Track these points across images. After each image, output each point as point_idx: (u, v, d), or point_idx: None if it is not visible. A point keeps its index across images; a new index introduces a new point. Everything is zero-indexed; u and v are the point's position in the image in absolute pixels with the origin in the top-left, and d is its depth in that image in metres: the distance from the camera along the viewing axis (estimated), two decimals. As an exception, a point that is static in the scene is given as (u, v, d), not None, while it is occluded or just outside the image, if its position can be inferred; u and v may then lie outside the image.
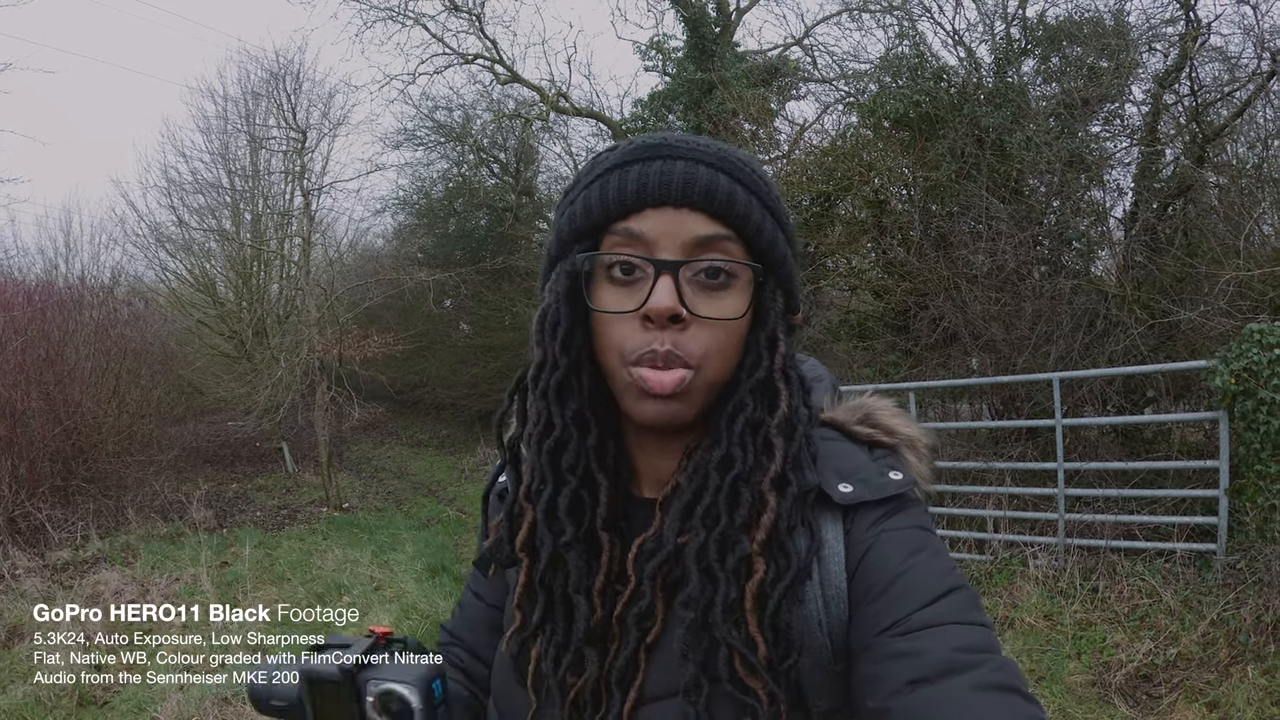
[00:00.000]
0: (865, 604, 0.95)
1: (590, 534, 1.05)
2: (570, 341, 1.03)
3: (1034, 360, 8.62)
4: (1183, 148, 9.37)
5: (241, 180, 18.75)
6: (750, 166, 1.03)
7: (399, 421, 24.23)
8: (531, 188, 21.14)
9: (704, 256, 0.98)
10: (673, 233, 0.97)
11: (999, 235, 9.34)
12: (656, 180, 0.98)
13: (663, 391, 0.97)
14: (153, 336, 14.46)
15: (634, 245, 0.99)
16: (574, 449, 1.04)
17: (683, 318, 0.96)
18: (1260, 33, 8.46)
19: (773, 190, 1.05)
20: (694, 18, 14.76)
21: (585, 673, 1.02)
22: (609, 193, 1.00)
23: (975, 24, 11.20)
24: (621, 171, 1.00)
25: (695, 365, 0.97)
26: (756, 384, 1.02)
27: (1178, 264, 8.52)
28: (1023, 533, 7.68)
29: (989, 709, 0.81)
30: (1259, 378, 6.10)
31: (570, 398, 1.04)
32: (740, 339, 1.02)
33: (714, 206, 0.98)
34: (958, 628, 0.88)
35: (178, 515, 11.82)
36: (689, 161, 0.99)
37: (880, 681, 0.88)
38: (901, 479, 1.03)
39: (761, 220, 1.01)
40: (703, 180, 0.98)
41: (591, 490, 1.05)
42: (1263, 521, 6.09)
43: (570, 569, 1.03)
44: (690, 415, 1.01)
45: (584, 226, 1.02)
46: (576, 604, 1.03)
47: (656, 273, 0.96)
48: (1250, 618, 5.55)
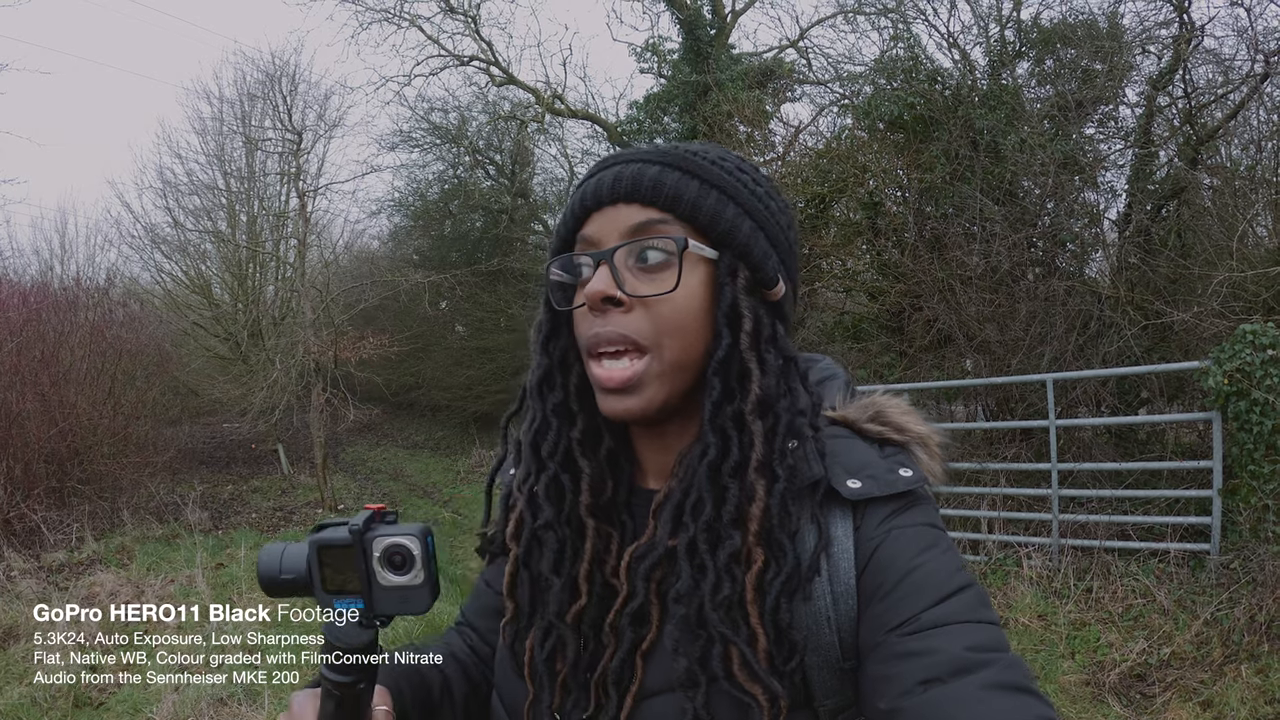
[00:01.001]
0: (875, 601, 0.96)
1: (574, 519, 1.09)
2: (550, 343, 1.13)
3: (1028, 361, 8.64)
4: (1176, 150, 9.39)
5: (237, 182, 18.73)
6: (698, 153, 1.07)
7: (394, 423, 24.22)
8: (527, 189, 21.17)
9: (633, 240, 1.03)
10: (611, 227, 1.04)
11: (993, 237, 9.36)
12: (596, 186, 1.05)
13: (613, 385, 1.01)
14: (148, 338, 14.48)
15: (588, 247, 1.06)
16: (553, 437, 1.10)
17: (620, 299, 1.01)
18: (1254, 35, 8.48)
19: (724, 170, 1.06)
20: (689, 20, 14.80)
21: (568, 657, 1.05)
22: (570, 208, 1.09)
23: (970, 26, 11.21)
24: (583, 186, 1.08)
25: (650, 346, 1.01)
26: (719, 364, 1.03)
27: (1171, 265, 8.55)
28: (1017, 533, 7.71)
29: (1001, 708, 0.81)
30: (1252, 378, 6.13)
31: (552, 391, 1.12)
32: (699, 318, 1.04)
33: (640, 195, 1.03)
34: (968, 626, 0.89)
35: (173, 517, 11.83)
36: (626, 164, 1.05)
37: (891, 681, 0.89)
38: (911, 476, 1.04)
39: (699, 198, 1.03)
40: (629, 174, 1.03)
41: (573, 476, 1.10)
42: (1256, 521, 6.11)
43: (546, 551, 1.08)
44: (652, 408, 1.03)
45: (557, 242, 1.12)
46: (550, 583, 1.07)
47: (595, 264, 1.03)
48: (1244, 617, 5.57)
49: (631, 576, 1.04)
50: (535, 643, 1.07)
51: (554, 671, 1.06)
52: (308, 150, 17.06)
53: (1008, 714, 0.81)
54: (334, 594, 0.99)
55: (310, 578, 0.99)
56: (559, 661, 1.06)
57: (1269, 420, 6.08)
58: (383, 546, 0.96)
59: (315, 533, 1.00)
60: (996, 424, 8.82)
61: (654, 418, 1.05)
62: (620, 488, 1.13)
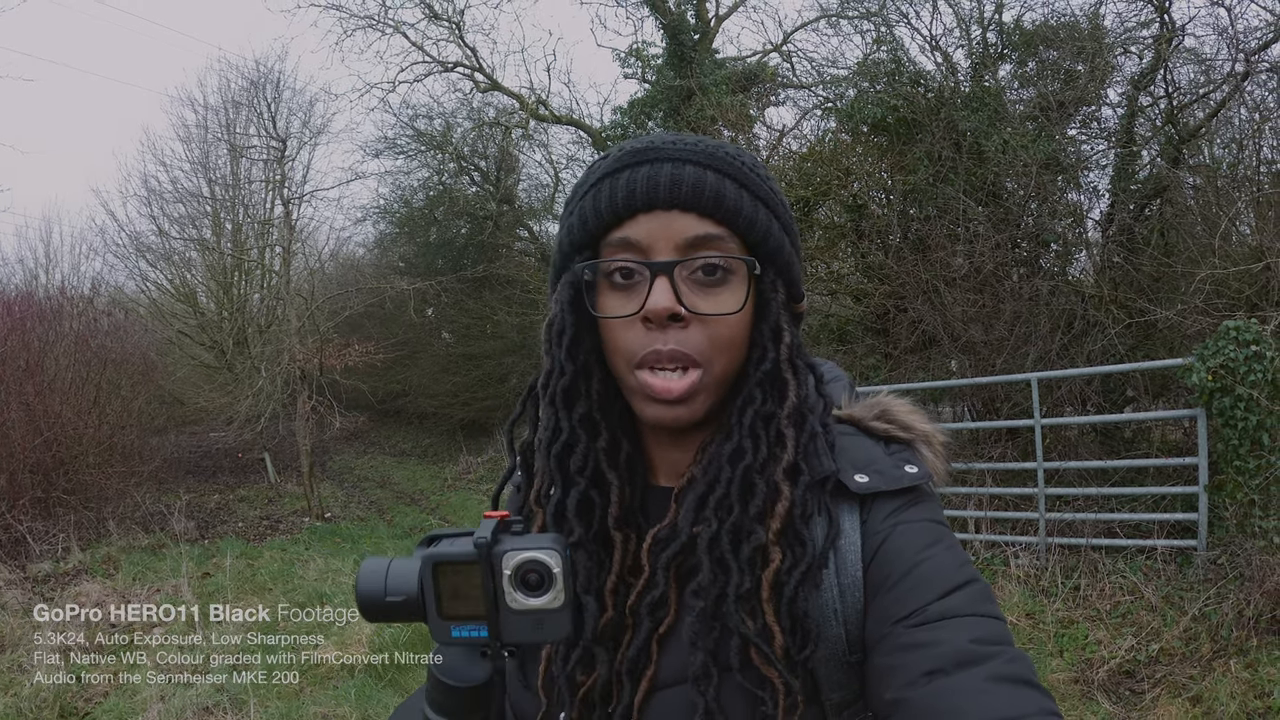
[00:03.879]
0: (881, 593, 0.96)
1: (602, 533, 1.07)
2: (576, 348, 1.05)
3: (1013, 361, 8.68)
4: (1159, 149, 9.46)
5: (222, 189, 18.77)
6: (739, 159, 1.04)
7: (381, 431, 24.16)
8: (512, 196, 21.14)
9: (698, 255, 1.00)
10: (665, 235, 0.99)
11: (977, 238, 9.41)
12: (644, 185, 1.00)
13: (670, 397, 0.99)
14: (133, 347, 14.41)
15: (630, 251, 1.01)
16: (582, 451, 1.06)
17: (682, 316, 0.98)
18: (1234, 34, 8.55)
19: (765, 180, 1.06)
20: (673, 25, 14.84)
21: (595, 671, 1.04)
22: (601, 202, 1.02)
23: (952, 29, 11.26)
24: (612, 180, 1.02)
25: (704, 362, 0.99)
26: (764, 376, 1.03)
27: (1154, 264, 8.60)
28: (1004, 533, 7.73)
29: (1004, 700, 0.82)
30: (1235, 374, 6.16)
31: (578, 402, 1.06)
32: (745, 333, 1.04)
33: (702, 205, 0.99)
34: (973, 619, 0.90)
35: (159, 526, 11.75)
36: (675, 162, 1.00)
37: (896, 672, 0.89)
38: (917, 472, 1.05)
39: (753, 213, 1.02)
40: (689, 180, 0.99)
41: (602, 490, 1.07)
42: (1242, 516, 6.14)
43: (579, 569, 1.04)
44: (699, 415, 1.02)
45: (582, 237, 1.05)
46: (586, 604, 1.03)
47: (653, 275, 0.98)
48: (1232, 612, 5.60)
49: (653, 561, 1.04)
50: (558, 657, 1.06)
51: (576, 686, 1.05)
52: (292, 157, 17.08)
53: (1010, 706, 0.81)
54: (452, 620, 0.87)
55: (423, 600, 0.87)
56: (581, 675, 1.05)
57: (1253, 416, 6.11)
58: (515, 563, 0.85)
59: (427, 545, 0.89)
60: (982, 424, 8.86)
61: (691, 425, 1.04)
62: (636, 491, 1.12)
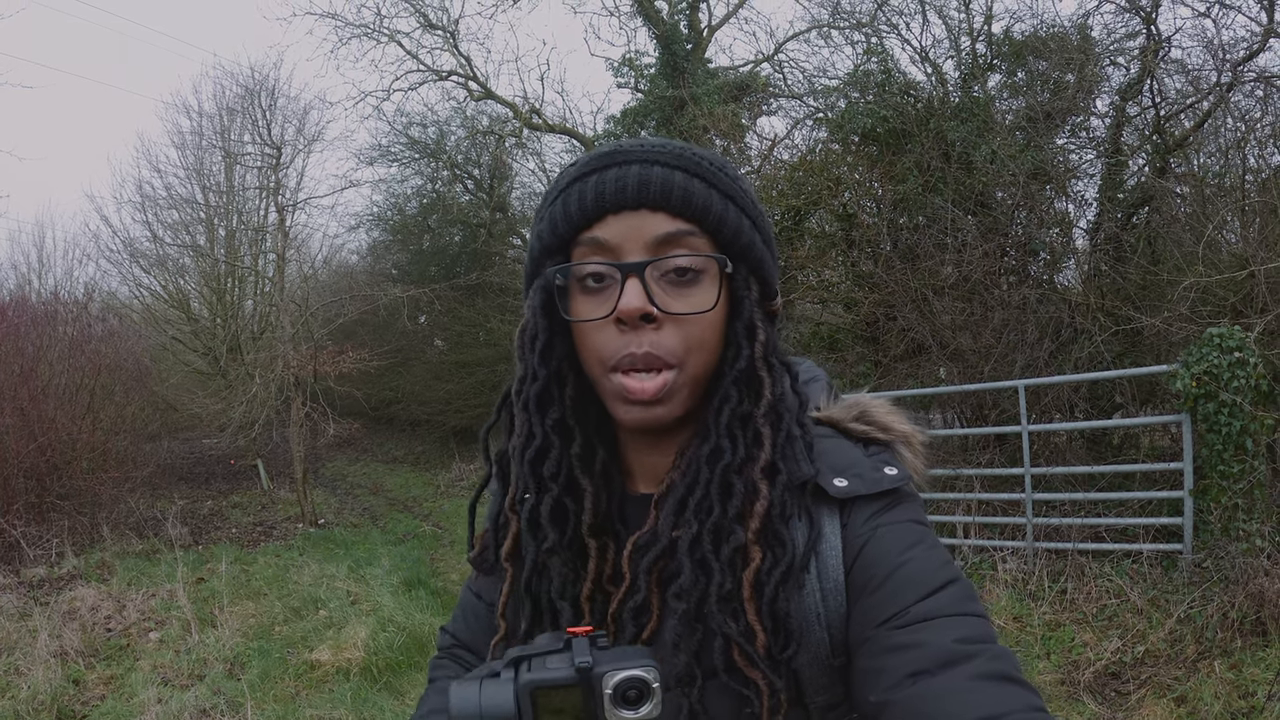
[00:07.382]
0: (863, 596, 0.97)
1: (576, 540, 1.07)
2: (549, 353, 1.06)
3: (1001, 368, 8.73)
4: (1146, 158, 9.53)
5: (216, 196, 18.73)
6: (707, 159, 1.04)
7: (374, 438, 24.09)
8: (505, 204, 21.18)
9: (668, 254, 1.00)
10: (635, 235, 1.00)
11: (965, 246, 9.46)
12: (613, 186, 1.00)
13: (645, 398, 0.99)
14: (127, 353, 14.35)
15: (600, 253, 1.01)
16: (555, 457, 1.06)
17: (654, 317, 0.98)
18: (1219, 45, 8.63)
19: (734, 180, 1.06)
20: (666, 35, 14.88)
21: None
22: (571, 206, 1.02)
23: (941, 40, 11.37)
24: (581, 183, 1.02)
25: (677, 363, 0.99)
26: (739, 374, 1.04)
27: (1141, 272, 8.67)
28: (992, 537, 7.77)
29: (989, 697, 0.82)
30: (1219, 380, 6.22)
31: (551, 407, 1.06)
32: (719, 332, 1.04)
33: (671, 204, 1.00)
34: (956, 619, 0.90)
35: (153, 532, 11.74)
36: (643, 164, 1.01)
37: (881, 675, 0.89)
38: (896, 474, 1.05)
39: (723, 210, 1.02)
40: (657, 179, 1.00)
41: (576, 497, 1.07)
42: (1227, 520, 6.19)
43: (554, 575, 1.06)
44: (675, 416, 1.02)
45: (552, 241, 1.05)
46: (560, 610, 1.05)
47: (623, 276, 0.98)
48: (1216, 614, 5.64)
49: (634, 567, 1.04)
50: None
51: None
52: (286, 165, 17.02)
53: (996, 703, 0.81)
54: None
55: None
56: None
57: (1237, 421, 6.17)
58: (616, 682, 0.84)
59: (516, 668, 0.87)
60: (971, 430, 8.91)
61: (668, 426, 1.04)
62: (613, 498, 1.12)
